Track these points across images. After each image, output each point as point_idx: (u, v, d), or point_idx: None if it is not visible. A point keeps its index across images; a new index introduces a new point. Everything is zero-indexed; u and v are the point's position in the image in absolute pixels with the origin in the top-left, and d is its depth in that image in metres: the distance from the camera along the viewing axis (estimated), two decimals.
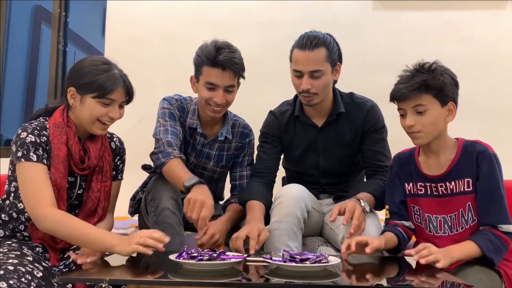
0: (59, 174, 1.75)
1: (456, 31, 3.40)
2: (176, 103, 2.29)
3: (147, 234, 1.60)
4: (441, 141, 1.83)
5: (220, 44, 2.15)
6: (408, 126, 1.79)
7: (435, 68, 1.80)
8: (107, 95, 1.78)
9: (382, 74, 3.41)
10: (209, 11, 3.60)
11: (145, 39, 3.63)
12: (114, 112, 1.81)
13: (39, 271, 1.61)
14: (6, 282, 1.48)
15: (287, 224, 1.97)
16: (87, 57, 1.89)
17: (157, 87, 3.24)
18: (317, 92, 2.13)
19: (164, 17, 3.63)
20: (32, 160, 1.71)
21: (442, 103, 1.78)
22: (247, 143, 2.37)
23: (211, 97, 2.15)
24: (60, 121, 1.81)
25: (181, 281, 1.41)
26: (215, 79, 2.13)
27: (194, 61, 2.21)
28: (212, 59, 2.11)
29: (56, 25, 3.70)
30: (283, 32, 3.45)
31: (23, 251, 1.68)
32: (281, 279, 1.38)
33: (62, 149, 1.78)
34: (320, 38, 2.11)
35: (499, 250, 1.72)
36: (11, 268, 1.54)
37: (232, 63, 2.12)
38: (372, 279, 1.57)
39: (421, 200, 1.88)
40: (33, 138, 1.74)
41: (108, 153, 1.93)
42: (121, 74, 1.83)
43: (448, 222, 1.82)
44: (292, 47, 2.17)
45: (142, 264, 1.68)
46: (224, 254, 1.56)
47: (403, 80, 1.81)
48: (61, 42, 3.71)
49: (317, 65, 2.10)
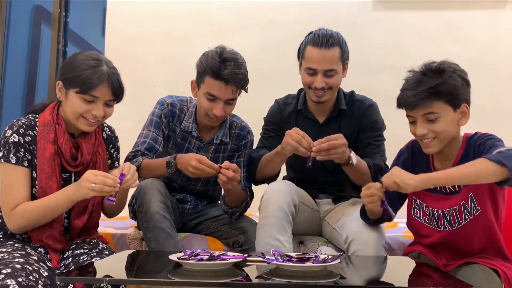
0: (44, 175, 1.73)
1: (456, 31, 3.41)
2: (167, 108, 2.26)
3: (98, 179, 1.60)
4: (453, 145, 1.75)
5: (226, 55, 2.08)
6: (420, 135, 1.71)
7: (443, 69, 1.68)
8: (89, 91, 1.74)
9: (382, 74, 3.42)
10: (209, 11, 3.60)
11: (145, 39, 3.63)
12: (97, 110, 1.76)
13: (44, 271, 1.61)
14: (15, 280, 1.48)
15: (276, 219, 1.98)
16: (81, 51, 1.86)
17: (157, 87, 3.25)
18: (331, 88, 2.15)
19: (164, 17, 3.64)
20: (11, 162, 1.71)
21: (454, 107, 1.69)
22: (243, 144, 2.32)
23: (210, 108, 2.12)
24: (49, 119, 1.78)
25: (181, 281, 1.41)
26: (217, 92, 2.09)
27: (197, 67, 2.16)
28: (216, 72, 2.06)
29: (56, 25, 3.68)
30: (283, 32, 3.47)
31: (27, 251, 1.68)
32: (281, 279, 1.38)
33: (48, 148, 1.75)
34: (335, 37, 2.13)
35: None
36: (19, 266, 1.54)
37: (236, 78, 2.07)
38: (372, 279, 1.57)
39: (426, 196, 1.80)
40: (16, 138, 1.72)
41: (102, 148, 1.89)
42: (110, 72, 1.77)
43: (447, 217, 1.76)
44: (303, 44, 2.17)
45: (142, 264, 1.68)
46: (224, 254, 1.56)
47: (410, 86, 1.70)
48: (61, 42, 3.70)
49: (332, 64, 2.12)
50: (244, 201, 2.21)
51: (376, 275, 1.67)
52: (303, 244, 2.20)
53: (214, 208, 2.39)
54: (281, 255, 1.53)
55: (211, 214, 2.34)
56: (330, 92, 2.18)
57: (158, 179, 2.12)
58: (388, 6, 3.49)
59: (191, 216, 2.35)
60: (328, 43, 2.09)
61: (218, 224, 2.29)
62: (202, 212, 2.36)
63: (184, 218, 2.32)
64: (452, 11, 3.43)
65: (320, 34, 2.12)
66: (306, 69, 2.15)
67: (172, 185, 2.29)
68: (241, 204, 2.21)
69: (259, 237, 2.00)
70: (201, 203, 2.39)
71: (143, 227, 2.03)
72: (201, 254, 1.54)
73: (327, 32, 2.13)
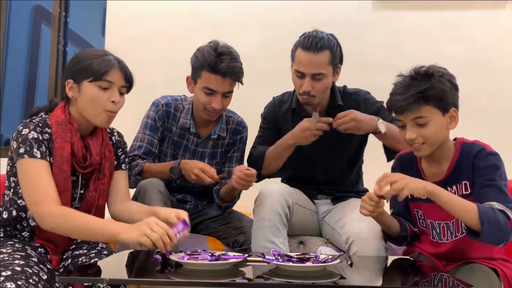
0: (63, 174, 1.71)
1: (456, 31, 3.40)
2: (162, 108, 2.29)
3: (159, 230, 1.50)
4: (444, 149, 1.76)
5: (221, 49, 2.13)
6: (409, 139, 1.71)
7: (432, 73, 1.69)
8: (103, 77, 1.74)
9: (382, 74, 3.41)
10: (209, 11, 3.60)
11: (145, 39, 3.63)
12: (115, 96, 1.76)
13: (44, 273, 1.60)
14: (15, 283, 1.46)
15: (270, 221, 1.99)
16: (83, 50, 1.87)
17: (157, 87, 3.24)
18: (316, 94, 2.14)
19: (164, 17, 3.63)
20: (36, 157, 1.67)
21: (443, 111, 1.69)
22: (238, 139, 2.37)
23: (209, 102, 2.16)
24: (63, 119, 1.76)
25: (181, 281, 1.41)
26: (214, 85, 2.13)
27: (192, 62, 2.20)
28: (212, 66, 2.11)
29: (56, 25, 3.69)
30: (283, 32, 3.45)
31: (27, 252, 1.66)
32: (281, 279, 1.38)
33: (66, 148, 1.73)
34: (325, 41, 2.10)
35: (498, 224, 1.57)
36: (18, 269, 1.52)
37: (233, 71, 2.12)
38: (372, 279, 1.57)
39: (423, 205, 1.81)
40: (35, 135, 1.70)
41: (109, 149, 1.88)
42: (117, 59, 1.79)
43: (451, 228, 1.77)
44: (294, 46, 2.16)
45: (142, 264, 1.68)
46: (224, 254, 1.56)
47: (399, 90, 1.70)
48: (61, 42, 3.71)
49: (320, 68, 2.10)
50: (238, 196, 2.28)
51: (376, 275, 1.67)
52: (303, 244, 2.20)
53: (214, 208, 2.39)
54: (281, 255, 1.53)
55: (211, 214, 2.35)
56: (317, 97, 2.16)
57: (158, 179, 2.12)
58: (388, 6, 3.49)
59: (191, 216, 2.33)
60: (317, 47, 2.07)
61: (218, 224, 2.30)
62: (202, 212, 2.37)
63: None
64: (452, 11, 3.43)
65: (310, 37, 2.10)
66: (295, 71, 2.15)
67: (172, 185, 2.29)
68: (235, 198, 2.29)
69: (254, 240, 2.01)
70: (201, 203, 2.40)
71: None
72: (202, 254, 1.55)
73: (318, 35, 2.11)
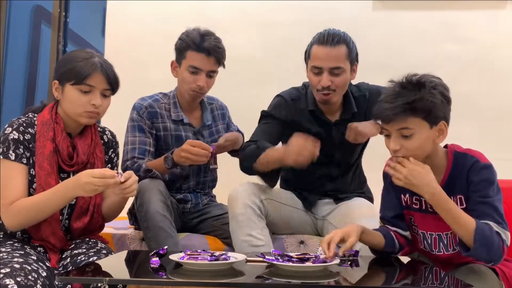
0: (43, 172, 1.74)
1: (456, 31, 3.40)
2: (146, 110, 2.30)
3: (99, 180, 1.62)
4: (434, 160, 1.66)
5: (204, 31, 2.26)
6: (392, 150, 1.64)
7: (423, 83, 1.60)
8: (84, 80, 1.76)
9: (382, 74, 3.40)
10: (209, 11, 3.59)
11: (145, 39, 3.63)
12: (95, 99, 1.78)
13: (43, 271, 1.61)
14: (14, 279, 1.47)
15: (243, 215, 2.03)
16: (73, 50, 1.89)
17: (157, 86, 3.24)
18: (336, 89, 2.10)
19: (164, 17, 3.63)
20: (10, 159, 1.72)
21: (431, 124, 1.60)
22: (228, 118, 2.52)
23: (194, 81, 2.24)
24: (48, 118, 1.80)
25: (181, 281, 1.41)
26: (199, 63, 2.23)
27: (177, 46, 2.30)
28: (197, 44, 2.22)
29: (56, 25, 3.69)
30: (283, 32, 3.47)
31: (26, 250, 1.68)
32: (280, 279, 1.38)
33: (47, 146, 1.76)
34: (341, 36, 2.11)
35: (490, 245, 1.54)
36: (17, 266, 1.54)
37: (218, 50, 2.24)
38: (371, 279, 1.57)
39: (416, 215, 1.76)
40: (16, 135, 1.74)
41: (100, 149, 1.90)
42: (102, 62, 1.81)
43: (444, 241, 1.72)
44: (309, 44, 2.16)
45: (142, 264, 1.68)
46: (224, 254, 1.56)
47: (387, 98, 1.62)
48: (61, 42, 3.70)
49: (338, 62, 2.08)
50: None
51: (376, 275, 1.67)
52: (303, 244, 2.20)
53: (215, 207, 2.40)
54: (281, 255, 1.53)
55: (213, 213, 2.36)
56: (337, 93, 2.12)
57: (159, 179, 2.12)
58: (388, 6, 3.49)
59: (192, 215, 2.35)
60: (334, 40, 2.07)
61: (220, 223, 2.30)
62: (204, 211, 2.37)
63: (185, 218, 2.33)
64: (452, 11, 3.43)
65: (325, 33, 2.11)
66: (311, 68, 2.12)
67: (172, 186, 2.29)
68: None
69: (233, 237, 2.05)
70: (202, 201, 2.40)
71: (143, 227, 2.04)
72: (201, 254, 1.55)
73: (333, 31, 2.12)
